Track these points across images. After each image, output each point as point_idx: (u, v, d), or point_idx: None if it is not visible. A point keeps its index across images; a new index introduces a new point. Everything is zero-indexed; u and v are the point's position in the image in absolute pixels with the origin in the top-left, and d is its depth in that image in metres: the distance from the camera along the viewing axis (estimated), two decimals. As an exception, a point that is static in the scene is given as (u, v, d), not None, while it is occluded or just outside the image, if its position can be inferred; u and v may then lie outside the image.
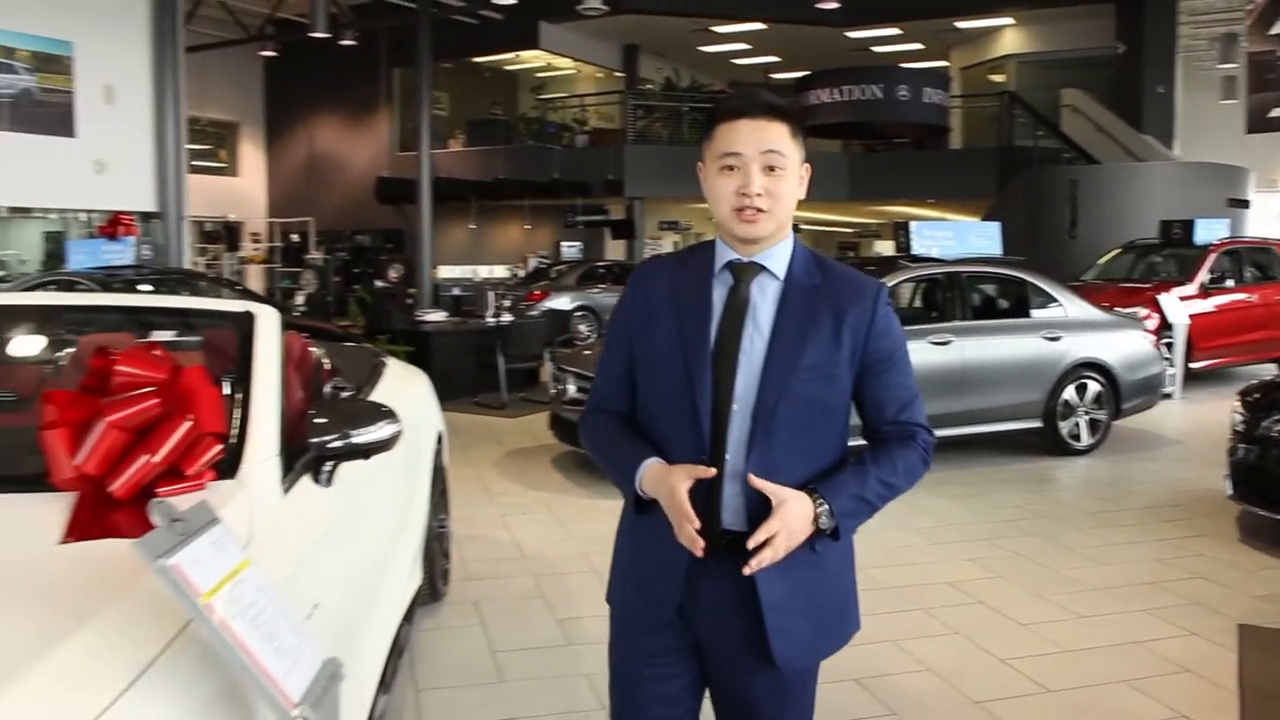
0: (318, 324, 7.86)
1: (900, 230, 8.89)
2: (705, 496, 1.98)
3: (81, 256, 10.69)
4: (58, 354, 3.72)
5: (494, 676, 4.14)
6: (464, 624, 4.66)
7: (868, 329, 2.03)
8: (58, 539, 2.06)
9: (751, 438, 1.99)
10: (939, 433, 8.04)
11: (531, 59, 23.88)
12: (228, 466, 2.39)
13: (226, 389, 2.62)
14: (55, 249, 16.96)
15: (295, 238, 23.38)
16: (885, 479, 2.03)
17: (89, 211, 16.06)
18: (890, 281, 8.27)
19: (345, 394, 3.74)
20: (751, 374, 2.00)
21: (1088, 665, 4.30)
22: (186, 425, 2.22)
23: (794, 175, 2.03)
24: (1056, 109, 20.57)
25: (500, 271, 21.40)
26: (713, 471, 1.95)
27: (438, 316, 12.44)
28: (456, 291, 15.21)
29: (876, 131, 21.83)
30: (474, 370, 11.25)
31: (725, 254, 2.07)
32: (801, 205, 2.09)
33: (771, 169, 1.99)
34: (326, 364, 3.97)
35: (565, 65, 24.26)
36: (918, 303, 9.56)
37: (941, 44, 23.49)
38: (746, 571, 1.92)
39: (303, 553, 2.42)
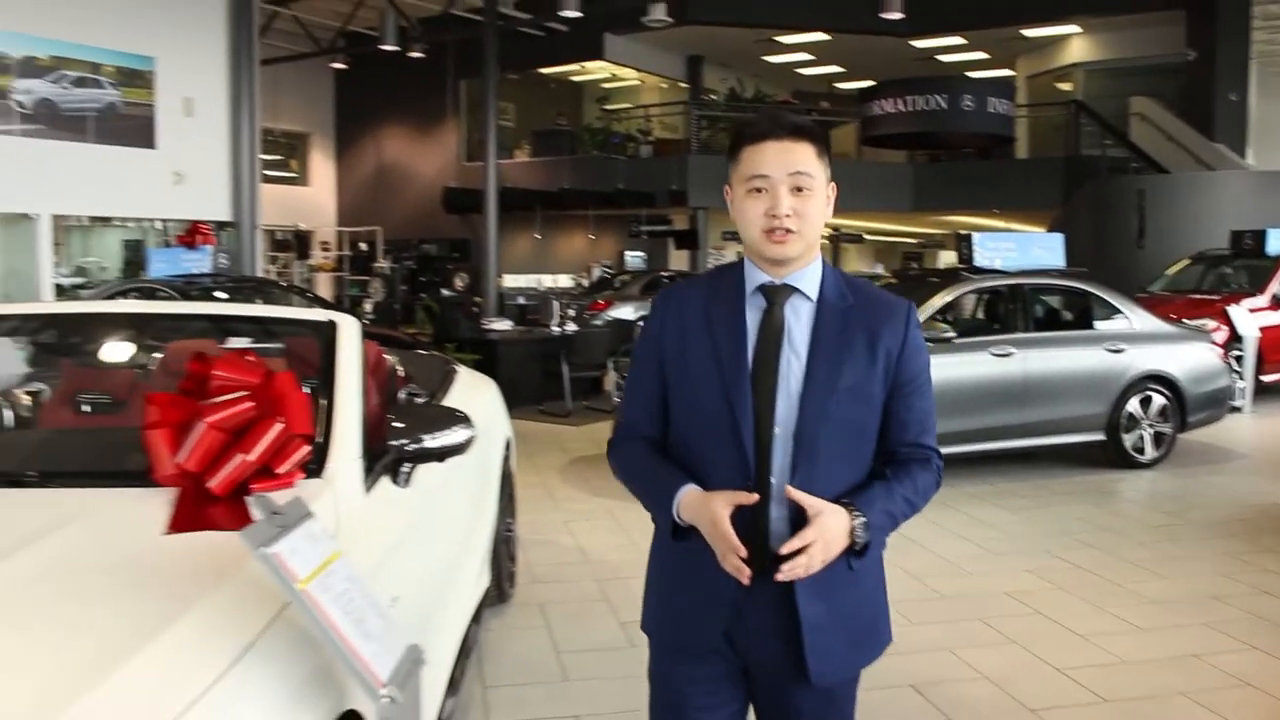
0: (388, 332, 8.05)
1: (963, 242, 8.91)
2: (751, 521, 1.97)
3: (162, 264, 11.04)
4: (147, 359, 3.94)
5: (558, 675, 4.27)
6: (530, 625, 4.81)
7: (901, 348, 2.05)
8: (162, 530, 2.22)
9: (795, 460, 1.98)
10: (1000, 444, 8.14)
11: (596, 70, 24.12)
12: (314, 466, 2.54)
13: (310, 393, 2.78)
14: (133, 257, 17.48)
15: (364, 246, 23.82)
16: (908, 496, 2.06)
17: (164, 220, 16.55)
18: (952, 294, 8.30)
19: (419, 400, 3.90)
20: (791, 397, 1.99)
21: (1146, 676, 4.32)
22: (278, 427, 2.37)
23: (821, 195, 2.03)
24: (1125, 118, 20.34)
25: (565, 281, 21.62)
26: (755, 497, 1.94)
27: (503, 325, 12.64)
28: (521, 300, 15.43)
29: (941, 142, 21.73)
30: (539, 378, 11.43)
31: (756, 276, 2.06)
32: (864, 216, 2.17)
33: (799, 189, 1.99)
34: (400, 371, 4.13)
35: (630, 76, 24.45)
36: (980, 314, 9.56)
37: (1007, 53, 23.32)
38: (779, 578, 1.93)
39: (383, 549, 2.57)
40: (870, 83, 21.63)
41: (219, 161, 15.64)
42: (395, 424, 2.80)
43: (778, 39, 22.78)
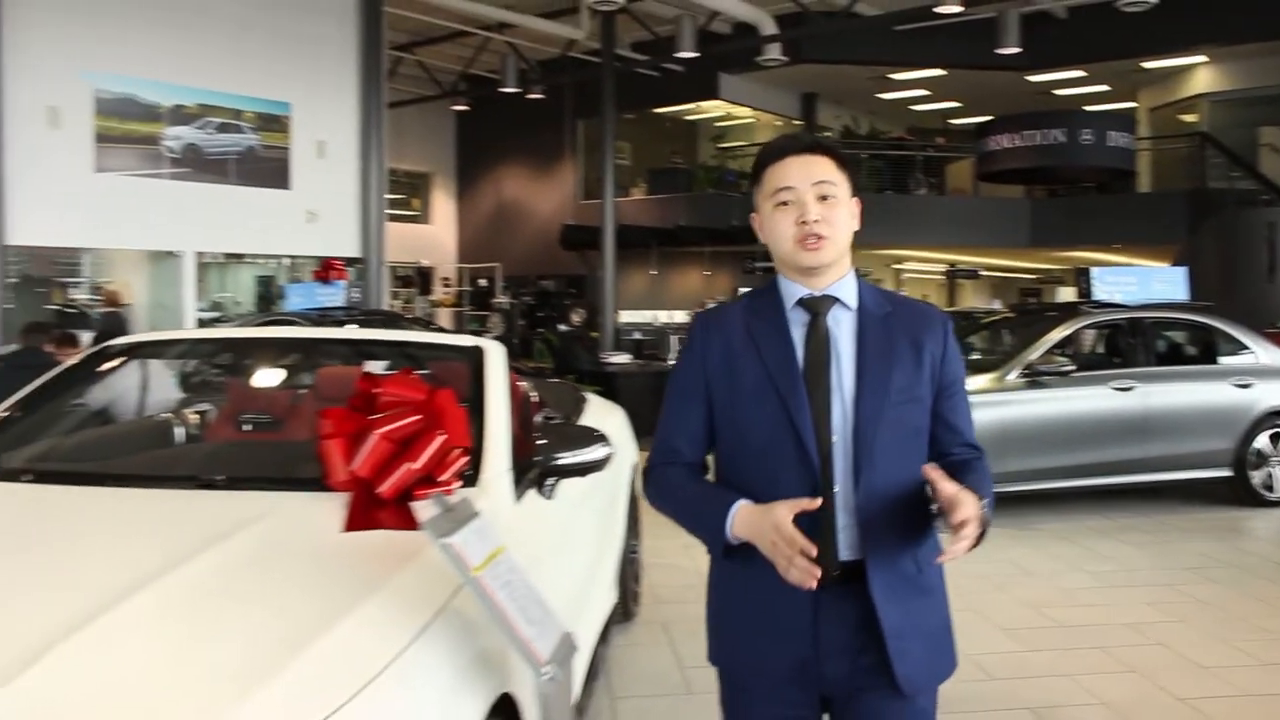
0: (514, 364, 8.36)
1: (1081, 276, 8.89)
2: (816, 531, 1.94)
3: (298, 299, 11.60)
4: (303, 382, 4.27)
5: (682, 689, 4.45)
6: (653, 642, 5.00)
7: (942, 353, 2.09)
8: (339, 529, 2.48)
9: (856, 466, 2.00)
10: (1119, 479, 8.04)
11: (711, 109, 24.42)
12: (470, 476, 2.79)
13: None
14: (265, 291, 18.33)
15: (483, 282, 24.43)
16: (990, 489, 2.04)
17: (293, 257, 17.33)
18: (1070, 328, 8.29)
19: (555, 423, 4.14)
20: (845, 404, 2.01)
21: (1270, 710, 4.31)
22: (440, 439, 2.62)
23: (846, 205, 2.06)
24: (1254, 148, 19.83)
25: (680, 316, 21.83)
26: (818, 502, 1.91)
27: (621, 358, 12.92)
28: (638, 335, 15.71)
29: (1059, 176, 21.47)
30: (656, 409, 11.59)
31: (794, 291, 2.08)
32: (980, 251, 2.29)
33: (824, 198, 2.03)
34: (534, 397, 4.39)
35: (744, 114, 24.70)
36: (1100, 349, 9.49)
37: (1128, 85, 22.94)
38: (942, 560, 1.95)
39: (530, 555, 2.79)
40: (987, 118, 21.51)
41: (349, 201, 16.34)
42: (540, 441, 3.03)
43: (892, 76, 22.81)
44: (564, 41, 19.27)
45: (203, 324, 15.69)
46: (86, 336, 10.17)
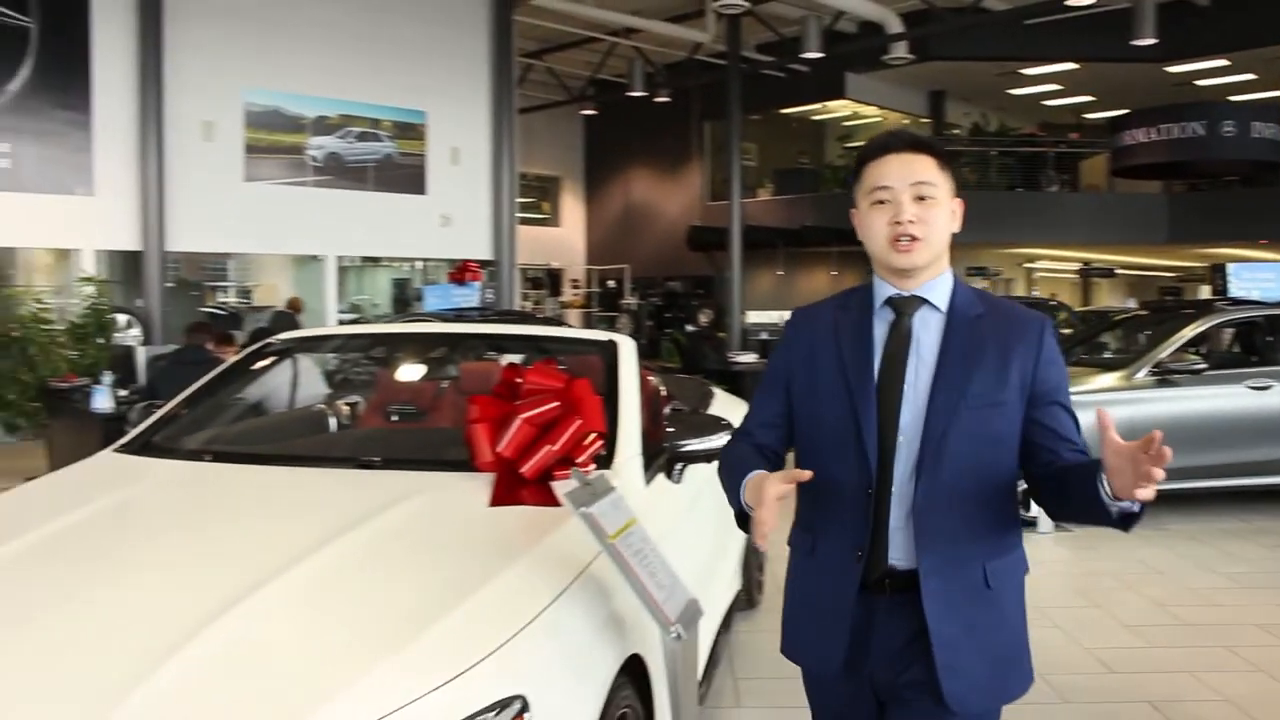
0: (643, 362, 8.62)
1: (1217, 272, 8.72)
2: (871, 531, 1.98)
3: (434, 300, 12.05)
4: (447, 374, 4.58)
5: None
6: (775, 628, 5.13)
7: (1036, 359, 2.02)
8: (486, 504, 2.74)
9: (919, 467, 1.98)
10: (1255, 480, 7.87)
11: (837, 108, 24.38)
12: (603, 460, 3.02)
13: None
14: (399, 294, 19.01)
15: (611, 283, 24.85)
16: None
17: (426, 260, 17.98)
18: (1203, 325, 8.15)
19: (683, 412, 4.35)
20: (917, 405, 1.99)
21: (1403, 708, 4.26)
22: (577, 424, 2.86)
23: (945, 206, 2.04)
24: None
25: (806, 316, 21.88)
26: (808, 475, 1.95)
27: (748, 358, 13.09)
28: (765, 335, 15.84)
29: (1199, 170, 20.82)
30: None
31: (884, 290, 2.08)
32: (1116, 249, 2.26)
33: (922, 198, 2.01)
34: (663, 390, 4.61)
35: (871, 113, 24.58)
36: (1236, 347, 9.28)
37: (1276, 73, 22.11)
38: (1149, 494, 1.72)
39: (659, 533, 3.01)
40: (1122, 111, 20.99)
41: (481, 205, 16.89)
42: (669, 429, 3.25)
43: (1022, 71, 22.42)
44: (690, 45, 19.49)
45: (342, 324, 16.42)
46: (241, 336, 10.85)
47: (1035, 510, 7.17)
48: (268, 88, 14.68)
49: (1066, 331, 13.64)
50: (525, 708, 1.94)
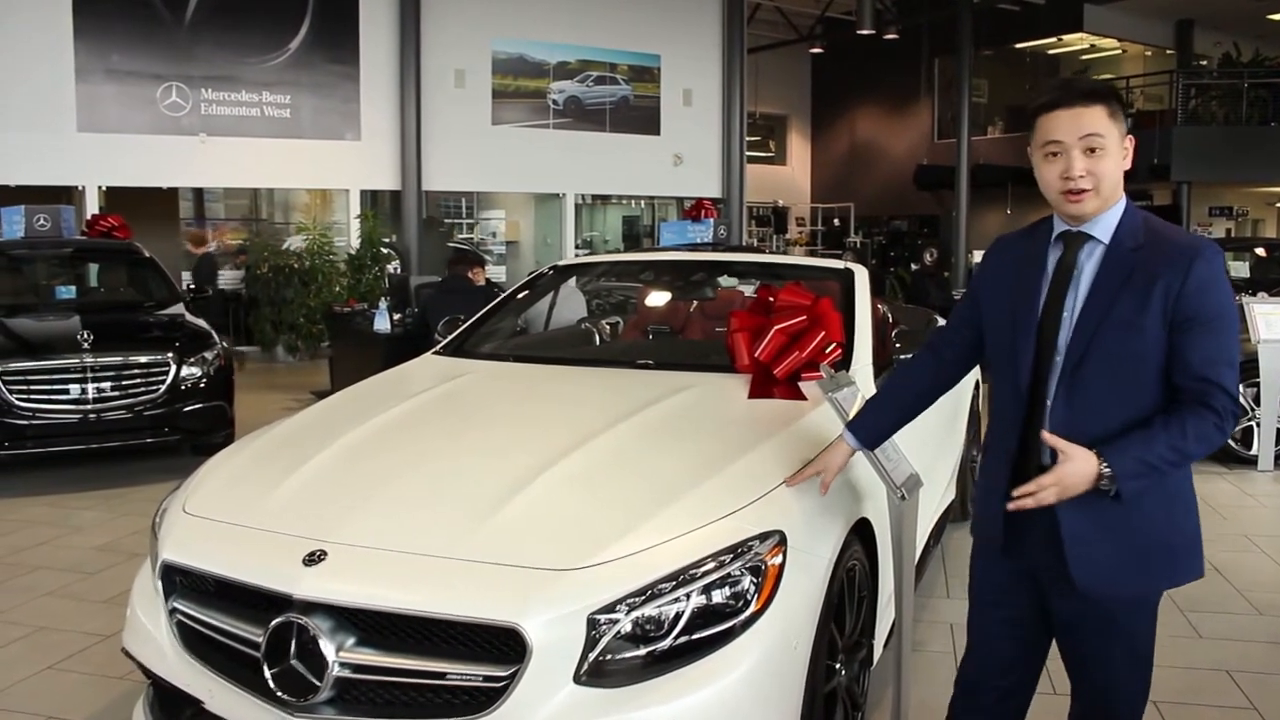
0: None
1: None
2: (1020, 435, 2.26)
3: (670, 235, 12.73)
4: (704, 295, 5.24)
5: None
6: (989, 538, 5.59)
7: (1180, 287, 2.14)
8: (745, 397, 3.37)
9: (1068, 388, 2.21)
10: None
11: (1074, 41, 23.58)
12: (841, 367, 3.58)
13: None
14: (629, 230, 19.86)
15: (836, 222, 25.06)
16: (1174, 444, 2.13)
17: (657, 198, 18.72)
18: None
19: (907, 331, 4.86)
20: (1069, 328, 2.22)
21: None
22: (822, 334, 3.43)
23: (1116, 153, 2.18)
24: None
25: (1033, 255, 21.50)
26: (826, 491, 2.68)
27: (971, 295, 13.21)
28: (988, 274, 15.84)
29: None
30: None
31: (1059, 226, 2.30)
32: None
33: (1092, 150, 2.16)
34: (889, 317, 5.11)
35: (1110, 46, 23.67)
36: None
37: None
38: (1011, 507, 2.19)
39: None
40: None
41: (711, 145, 17.49)
42: (897, 344, 3.77)
43: (1286, -7, 21.06)
44: (922, -20, 19.34)
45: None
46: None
47: (1255, 448, 7.30)
48: (514, 36, 15.67)
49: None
50: (783, 540, 2.55)
